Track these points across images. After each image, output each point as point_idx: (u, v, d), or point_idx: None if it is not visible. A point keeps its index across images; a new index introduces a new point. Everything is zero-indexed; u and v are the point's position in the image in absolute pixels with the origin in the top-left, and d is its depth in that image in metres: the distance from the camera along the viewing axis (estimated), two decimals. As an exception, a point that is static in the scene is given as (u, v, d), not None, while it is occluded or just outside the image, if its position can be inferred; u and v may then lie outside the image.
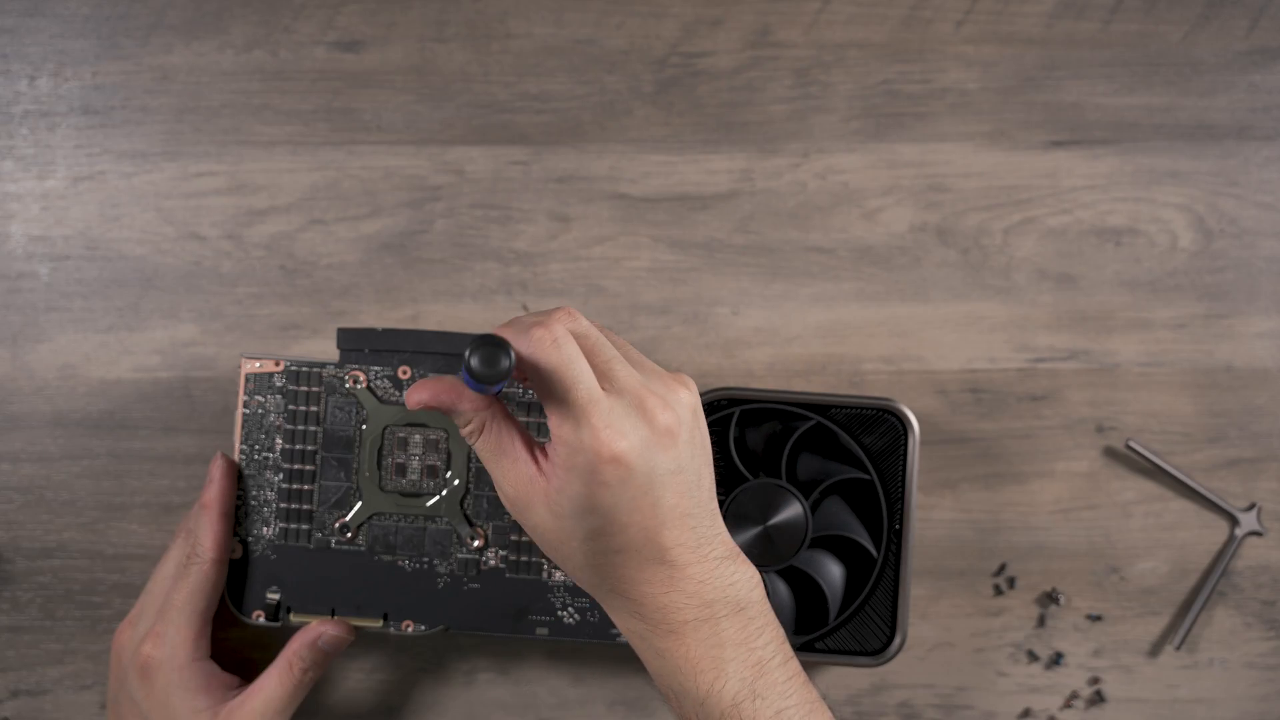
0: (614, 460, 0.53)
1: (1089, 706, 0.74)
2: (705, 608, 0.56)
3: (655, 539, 0.55)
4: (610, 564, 0.56)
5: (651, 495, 0.55)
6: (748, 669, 0.56)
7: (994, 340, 0.74)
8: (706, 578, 0.56)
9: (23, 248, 0.75)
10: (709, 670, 0.56)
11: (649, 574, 0.56)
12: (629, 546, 0.55)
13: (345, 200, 0.75)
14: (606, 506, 0.54)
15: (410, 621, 0.68)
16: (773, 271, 0.75)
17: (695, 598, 0.56)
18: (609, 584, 0.57)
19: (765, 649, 0.57)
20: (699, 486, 0.57)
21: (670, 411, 0.55)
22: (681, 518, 0.56)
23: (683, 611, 0.56)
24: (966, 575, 0.74)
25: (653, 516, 0.55)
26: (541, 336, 0.54)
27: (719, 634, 0.56)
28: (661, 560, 0.55)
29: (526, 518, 0.57)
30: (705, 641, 0.56)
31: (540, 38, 0.75)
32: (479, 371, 0.53)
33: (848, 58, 0.75)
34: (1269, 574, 0.74)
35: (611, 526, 0.55)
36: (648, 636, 0.57)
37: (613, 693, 0.73)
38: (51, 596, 0.74)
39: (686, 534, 0.56)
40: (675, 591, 0.56)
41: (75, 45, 0.75)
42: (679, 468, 0.55)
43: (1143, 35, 0.75)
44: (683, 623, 0.56)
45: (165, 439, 0.74)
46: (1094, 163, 0.75)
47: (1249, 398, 0.74)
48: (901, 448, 0.68)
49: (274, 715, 0.66)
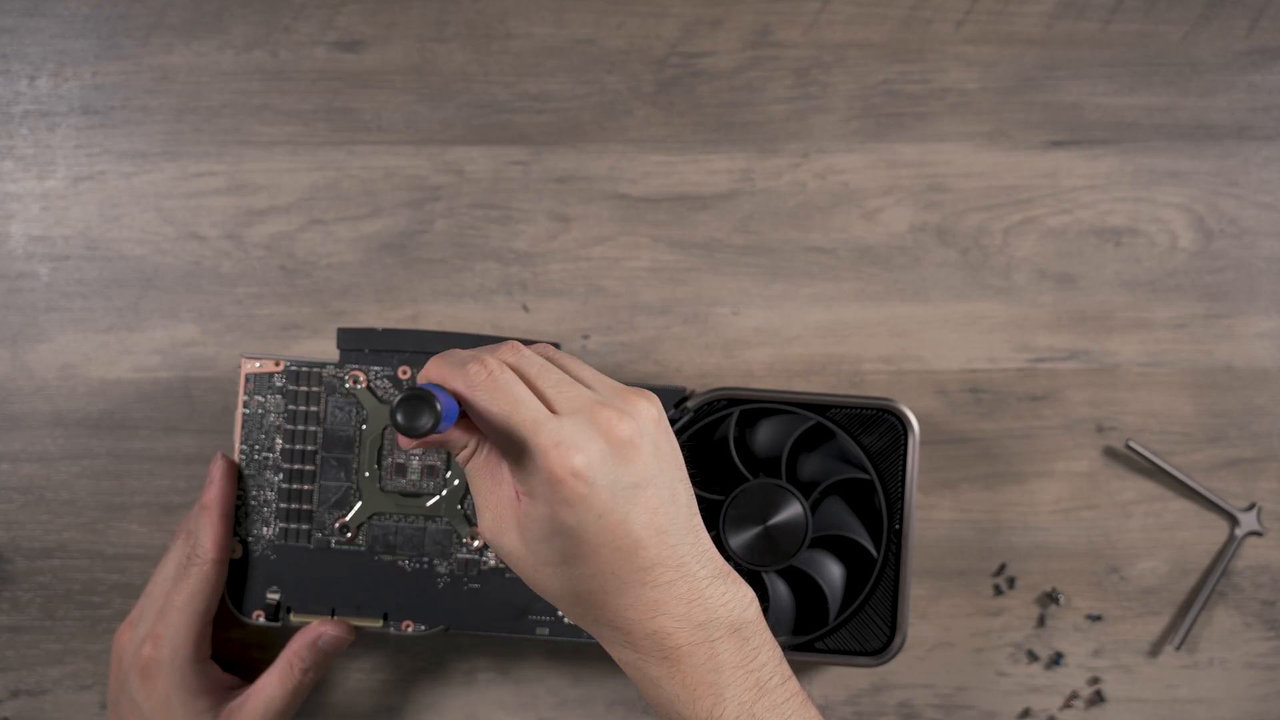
0: (572, 476, 0.51)
1: (1089, 706, 0.74)
2: (698, 630, 0.54)
3: (631, 559, 0.53)
4: (589, 591, 0.54)
5: (618, 512, 0.52)
6: (746, 692, 0.54)
7: (994, 340, 0.74)
8: (695, 598, 0.54)
9: (23, 248, 0.75)
10: (707, 697, 0.54)
11: (631, 599, 0.53)
12: (604, 570, 0.53)
13: (345, 200, 0.75)
14: (572, 527, 0.52)
15: (410, 621, 0.68)
16: (773, 271, 0.75)
17: (686, 620, 0.53)
18: (592, 613, 0.55)
19: (763, 670, 0.55)
20: (673, 501, 0.54)
21: (629, 422, 0.53)
22: (657, 535, 0.53)
23: (674, 636, 0.53)
24: (966, 575, 0.74)
25: (624, 535, 0.52)
26: (476, 371, 0.52)
27: (715, 658, 0.54)
28: (642, 583, 0.53)
29: (501, 543, 0.55)
30: (701, 667, 0.54)
31: (540, 38, 0.75)
32: (403, 426, 0.50)
33: (848, 58, 0.75)
34: (1269, 574, 0.74)
35: (582, 549, 0.52)
36: (641, 665, 0.54)
37: (613, 693, 0.73)
38: (51, 596, 0.74)
39: (665, 552, 0.53)
40: (662, 615, 0.53)
41: (75, 45, 0.75)
42: (646, 480, 0.53)
43: (1143, 35, 0.75)
44: (675, 648, 0.54)
45: (165, 439, 0.74)
46: (1094, 163, 0.75)
47: (1249, 398, 0.74)
48: (901, 448, 0.68)
49: (275, 716, 0.66)
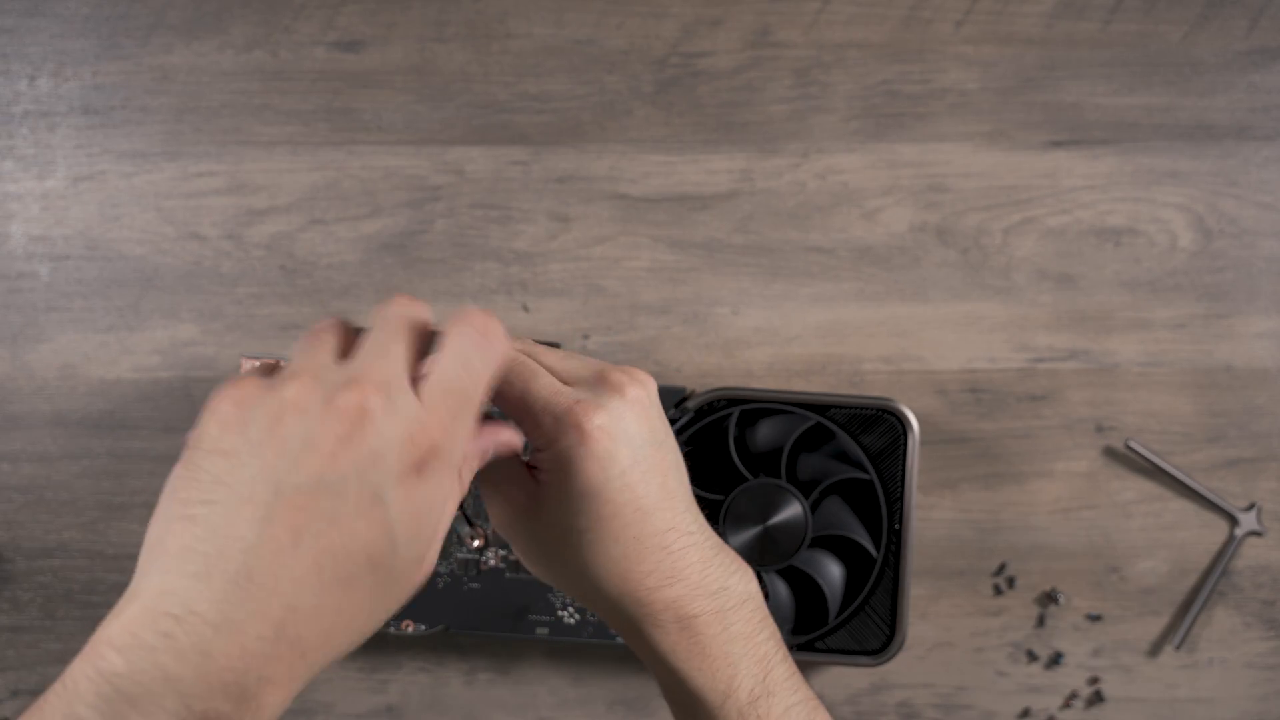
0: (598, 430, 0.52)
1: (1088, 706, 0.74)
2: (712, 598, 0.55)
3: (650, 520, 0.54)
4: (611, 560, 0.55)
5: (639, 470, 0.54)
6: (756, 664, 0.56)
7: (994, 340, 0.74)
8: (706, 567, 0.56)
9: (23, 248, 0.75)
10: (725, 668, 0.55)
11: (651, 564, 0.55)
12: (627, 534, 0.54)
13: (345, 200, 0.75)
14: (597, 486, 0.53)
15: (410, 621, 0.68)
16: (773, 271, 0.75)
17: (700, 589, 0.55)
18: (615, 587, 0.55)
19: (767, 644, 0.56)
20: (678, 467, 0.56)
21: (637, 385, 0.54)
22: (670, 499, 0.55)
23: (692, 604, 0.55)
24: (966, 575, 0.74)
25: (644, 494, 0.54)
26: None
27: (729, 629, 0.55)
28: (661, 546, 0.55)
29: (519, 530, 0.55)
30: (717, 637, 0.55)
31: (540, 38, 0.75)
32: None
33: (848, 58, 0.75)
34: (1269, 574, 0.74)
35: (605, 510, 0.53)
36: (659, 640, 0.56)
37: (613, 693, 0.73)
38: (51, 596, 0.74)
39: (678, 518, 0.55)
40: (680, 582, 0.55)
41: (75, 45, 0.75)
42: (658, 441, 0.54)
43: (1143, 35, 0.75)
44: (693, 617, 0.55)
45: (165, 439, 0.74)
46: (1094, 163, 0.75)
47: (1249, 398, 0.74)
48: (901, 448, 0.68)
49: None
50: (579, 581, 0.56)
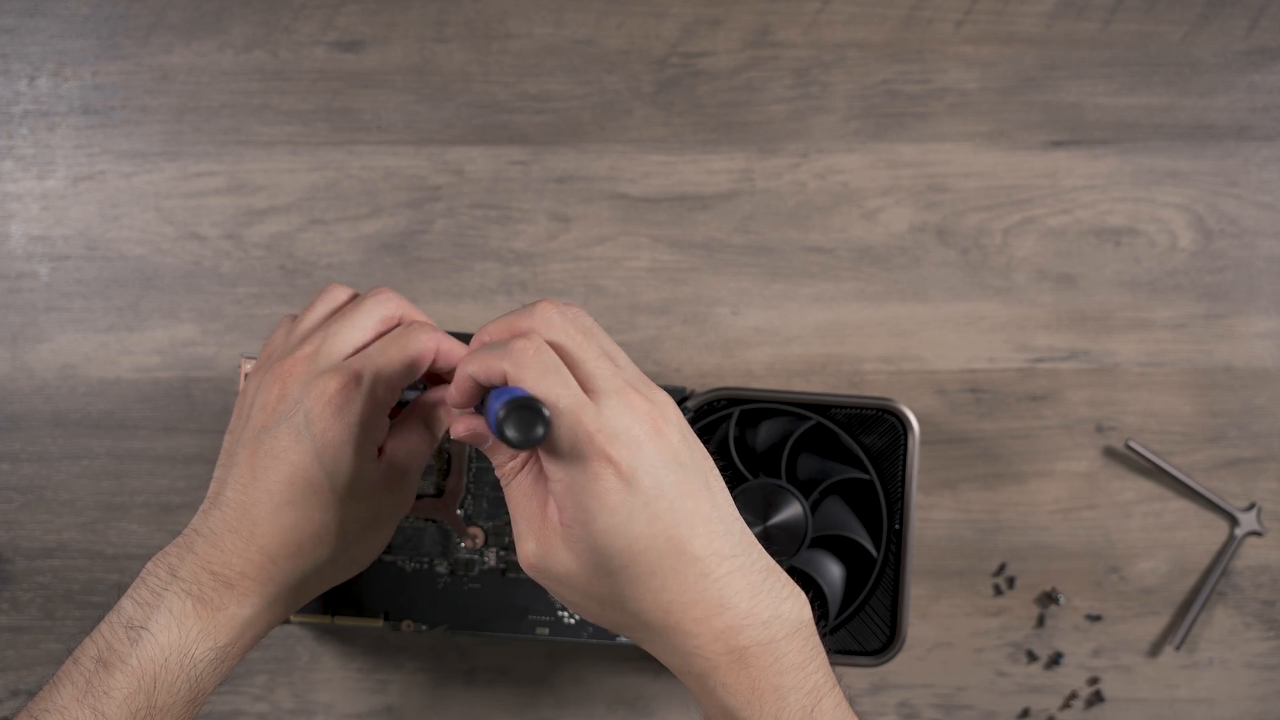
0: (617, 460, 0.50)
1: (1088, 706, 0.74)
2: (763, 628, 0.52)
3: (685, 548, 0.51)
4: (651, 592, 0.52)
5: (665, 498, 0.51)
6: (805, 696, 0.53)
7: (994, 340, 0.74)
8: (755, 592, 0.53)
9: (23, 248, 0.75)
10: (773, 702, 0.52)
11: (693, 594, 0.52)
12: (663, 566, 0.51)
13: (345, 200, 0.75)
14: (622, 519, 0.51)
15: (410, 621, 0.68)
16: (773, 271, 0.75)
17: (751, 618, 0.52)
18: (658, 618, 0.53)
19: (817, 674, 0.54)
20: (708, 489, 0.53)
21: (656, 409, 0.52)
22: (704, 521, 0.52)
23: (742, 635, 0.52)
24: (966, 575, 0.74)
25: (672, 523, 0.51)
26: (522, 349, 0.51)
27: (780, 660, 0.53)
28: (702, 574, 0.52)
29: (551, 567, 0.53)
30: (769, 669, 0.52)
31: (540, 38, 0.75)
32: (518, 440, 0.48)
33: (847, 58, 0.75)
34: (1269, 574, 0.74)
35: (635, 544, 0.51)
36: (710, 674, 0.53)
37: (613, 693, 0.73)
38: (51, 596, 0.74)
39: (716, 541, 0.52)
40: (729, 612, 0.52)
41: (75, 45, 0.75)
42: (680, 464, 0.52)
43: (1143, 35, 0.75)
44: (744, 648, 0.52)
45: (165, 439, 0.74)
46: (1094, 163, 0.75)
47: (1249, 398, 0.74)
48: (901, 448, 0.68)
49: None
50: (620, 617, 0.54)
